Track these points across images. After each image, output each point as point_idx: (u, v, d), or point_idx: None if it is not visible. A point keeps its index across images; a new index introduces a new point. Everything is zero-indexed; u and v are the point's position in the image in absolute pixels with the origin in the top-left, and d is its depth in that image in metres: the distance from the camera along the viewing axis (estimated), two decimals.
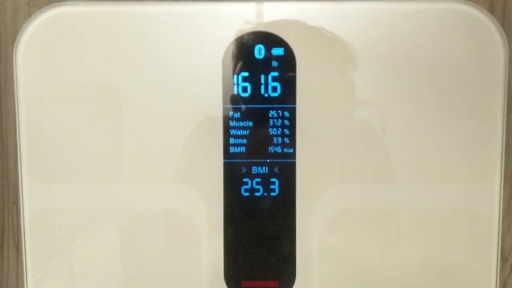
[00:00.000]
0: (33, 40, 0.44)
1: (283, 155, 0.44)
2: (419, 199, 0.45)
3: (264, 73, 0.44)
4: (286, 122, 0.44)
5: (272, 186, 0.45)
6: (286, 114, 0.44)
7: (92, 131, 0.44)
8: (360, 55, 0.43)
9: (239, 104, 0.44)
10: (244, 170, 0.45)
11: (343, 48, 0.43)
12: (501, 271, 0.48)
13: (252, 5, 0.43)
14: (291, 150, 0.44)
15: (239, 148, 0.44)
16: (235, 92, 0.44)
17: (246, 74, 0.44)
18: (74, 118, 0.44)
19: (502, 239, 0.48)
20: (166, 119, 0.44)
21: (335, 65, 0.44)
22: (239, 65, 0.44)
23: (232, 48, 0.43)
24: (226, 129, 0.44)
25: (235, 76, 0.44)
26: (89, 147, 0.44)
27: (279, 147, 0.44)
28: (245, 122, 0.44)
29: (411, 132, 0.44)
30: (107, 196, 0.45)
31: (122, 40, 0.43)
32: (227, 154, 0.44)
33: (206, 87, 0.44)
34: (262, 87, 0.44)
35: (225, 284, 0.45)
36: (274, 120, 0.44)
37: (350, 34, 0.43)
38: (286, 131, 0.44)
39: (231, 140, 0.44)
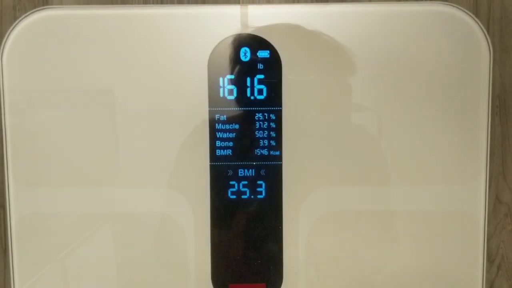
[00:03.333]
0: (19, 44, 0.44)
1: (270, 157, 0.44)
2: (405, 201, 0.45)
3: (250, 76, 0.44)
4: (272, 125, 0.44)
5: (258, 189, 0.45)
6: (272, 116, 0.44)
7: (77, 135, 0.44)
8: (345, 57, 0.44)
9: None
10: (230, 172, 0.45)
11: (329, 50, 0.43)
12: (487, 272, 0.48)
13: (237, 8, 0.43)
14: (278, 153, 0.44)
15: (225, 150, 0.44)
16: (221, 95, 0.44)
17: (231, 76, 0.44)
18: (60, 122, 0.44)
19: (488, 241, 0.48)
20: (152, 122, 0.44)
21: (321, 67, 0.44)
22: (224, 68, 0.44)
23: (217, 51, 0.43)
24: (212, 132, 0.44)
25: (221, 79, 0.44)
26: (75, 152, 0.44)
27: (266, 149, 0.44)
28: (231, 125, 0.44)
29: (396, 135, 0.44)
30: (94, 200, 0.45)
31: (108, 43, 0.43)
32: (213, 156, 0.44)
33: (192, 90, 0.44)
34: (248, 90, 0.44)
35: (212, 287, 0.45)
36: (260, 122, 0.44)
37: (334, 36, 0.43)
38: (273, 134, 0.44)
39: (218, 143, 0.44)
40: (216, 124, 0.44)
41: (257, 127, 0.44)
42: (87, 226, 0.45)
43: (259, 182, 0.45)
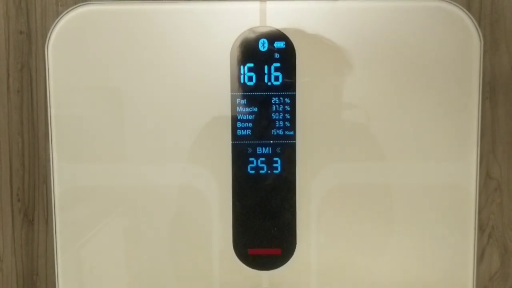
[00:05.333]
0: (62, 38, 0.49)
1: (285, 137, 0.49)
2: (406, 176, 0.50)
3: (267, 64, 0.49)
4: (287, 108, 0.49)
5: (275, 165, 0.50)
6: (287, 100, 0.49)
7: (114, 116, 0.49)
8: (351, 48, 0.48)
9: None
10: (250, 150, 0.50)
11: (336, 42, 0.49)
12: (479, 240, 0.53)
13: (256, 3, 0.49)
14: (292, 133, 0.49)
15: (245, 131, 0.49)
16: (242, 81, 0.49)
17: (251, 65, 0.49)
18: (98, 106, 0.49)
19: (480, 212, 0.53)
20: (182, 106, 0.49)
21: (331, 57, 0.49)
22: (244, 57, 0.49)
23: (239, 42, 0.49)
24: (234, 114, 0.49)
25: (242, 67, 0.49)
26: (112, 131, 0.49)
27: (281, 130, 0.49)
28: (250, 108, 0.49)
29: (397, 116, 0.49)
30: (128, 175, 0.50)
31: (143, 36, 0.48)
32: (234, 136, 0.50)
33: (216, 77, 0.49)
34: (266, 77, 0.49)
35: (233, 252, 0.50)
36: (276, 106, 0.49)
37: (340, 29, 0.48)
38: (287, 116, 0.49)
39: (238, 124, 0.49)
40: (237, 107, 0.49)
41: (273, 110, 0.49)
42: (123, 198, 0.50)
43: (275, 159, 0.50)
